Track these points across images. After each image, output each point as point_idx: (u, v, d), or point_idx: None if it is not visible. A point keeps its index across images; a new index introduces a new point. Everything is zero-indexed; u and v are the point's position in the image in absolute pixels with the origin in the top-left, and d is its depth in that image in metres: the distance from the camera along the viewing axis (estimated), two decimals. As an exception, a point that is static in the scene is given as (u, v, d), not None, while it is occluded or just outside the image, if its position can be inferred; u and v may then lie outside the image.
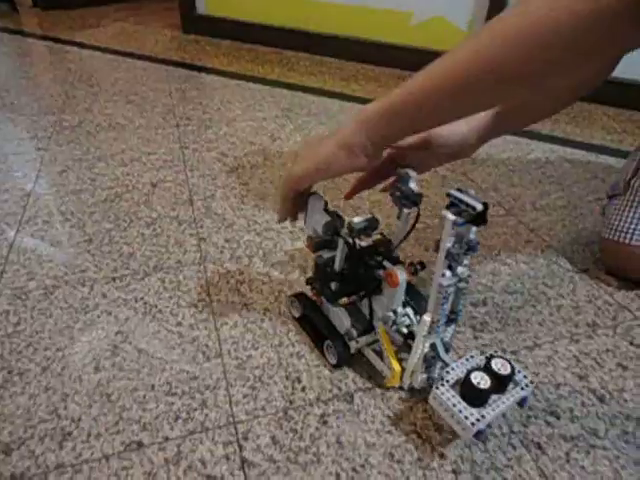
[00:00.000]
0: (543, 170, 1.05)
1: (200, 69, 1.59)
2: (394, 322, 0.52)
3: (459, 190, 0.45)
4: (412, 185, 0.53)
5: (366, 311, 0.56)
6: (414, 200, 0.52)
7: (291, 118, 1.25)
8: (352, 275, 0.54)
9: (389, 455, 0.49)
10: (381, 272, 0.52)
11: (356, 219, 0.54)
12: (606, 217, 0.74)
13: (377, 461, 0.49)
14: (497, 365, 0.48)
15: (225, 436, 0.50)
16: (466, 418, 0.45)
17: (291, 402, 0.54)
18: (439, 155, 0.59)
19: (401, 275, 0.50)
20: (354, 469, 0.48)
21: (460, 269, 0.47)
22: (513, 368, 0.48)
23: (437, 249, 0.46)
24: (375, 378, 0.56)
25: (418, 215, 0.52)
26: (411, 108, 0.43)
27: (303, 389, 0.55)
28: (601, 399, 0.56)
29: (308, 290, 0.61)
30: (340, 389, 0.56)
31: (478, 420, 0.45)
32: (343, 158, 0.48)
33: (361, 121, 0.46)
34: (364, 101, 1.37)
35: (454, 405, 0.46)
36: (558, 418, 0.53)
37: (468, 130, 0.57)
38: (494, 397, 0.47)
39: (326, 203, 0.55)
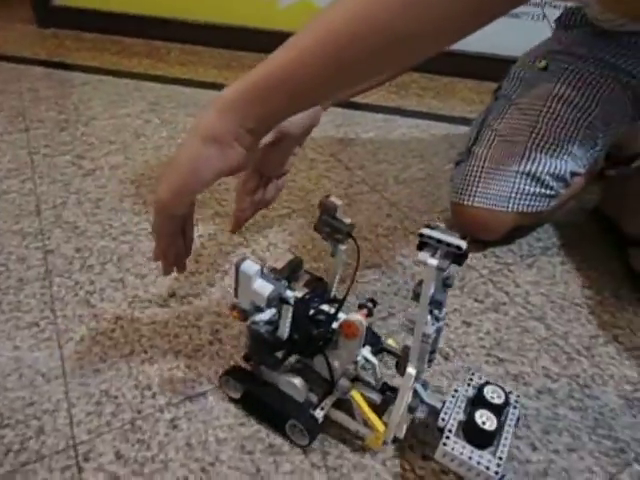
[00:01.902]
0: (407, 145, 1.09)
1: (57, 66, 1.46)
2: (355, 371, 0.47)
3: (429, 227, 0.39)
4: (341, 215, 0.49)
5: (321, 368, 0.49)
6: (347, 232, 0.49)
7: (158, 112, 1.19)
8: (301, 337, 0.47)
9: (240, 448, 0.49)
10: (334, 324, 0.47)
11: (277, 264, 0.49)
12: (453, 182, 0.79)
13: (228, 456, 0.48)
14: (491, 395, 0.45)
15: (63, 461, 0.47)
16: (488, 469, 0.41)
17: (139, 412, 0.51)
18: (290, 144, 0.57)
19: (362, 324, 0.44)
20: (203, 469, 0.47)
21: (437, 311, 0.43)
22: (505, 392, 0.46)
23: (415, 297, 0.41)
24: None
25: (358, 250, 0.48)
26: (289, 79, 0.38)
27: (153, 396, 0.53)
28: (446, 357, 0.59)
29: (241, 361, 0.54)
30: (193, 388, 0.54)
31: (499, 465, 0.41)
32: (214, 155, 0.40)
33: (224, 108, 0.40)
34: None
35: (470, 458, 0.42)
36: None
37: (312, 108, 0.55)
38: (498, 428, 0.44)
39: (262, 268, 0.45)
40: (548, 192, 0.71)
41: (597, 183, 0.93)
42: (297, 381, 0.49)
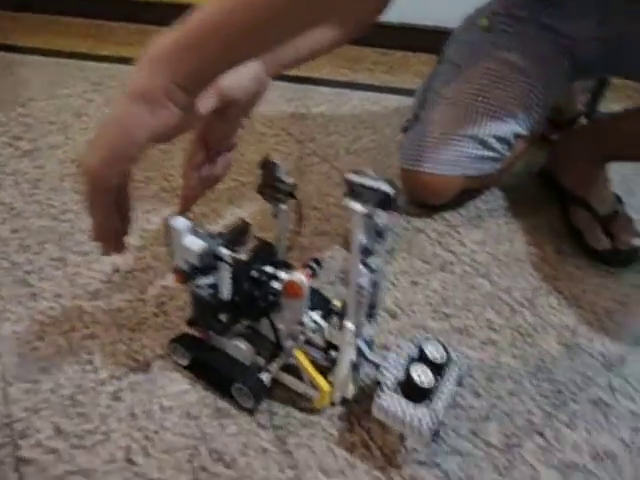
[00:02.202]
0: (358, 117, 1.09)
1: (-7, 47, 1.39)
2: (304, 335, 0.47)
3: (356, 173, 0.38)
4: (282, 175, 0.47)
5: (267, 332, 0.48)
6: (289, 192, 0.47)
7: (101, 92, 1.14)
8: (244, 299, 0.46)
9: (185, 414, 0.48)
10: (276, 285, 0.46)
11: (224, 229, 0.46)
12: (402, 149, 0.79)
13: (172, 423, 0.47)
14: (432, 353, 0.45)
15: (-2, 440, 0.45)
16: (420, 423, 0.40)
17: (80, 386, 0.50)
18: (237, 113, 0.55)
19: (303, 283, 0.43)
20: (147, 437, 0.46)
21: (374, 262, 0.42)
22: (447, 351, 0.45)
23: (348, 247, 0.40)
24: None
25: (301, 209, 0.46)
26: (224, 25, 0.36)
27: (95, 370, 0.52)
28: (393, 316, 0.60)
29: (189, 329, 0.52)
30: (137, 361, 0.53)
31: (433, 422, 0.40)
32: (145, 115, 0.36)
33: (154, 58, 0.36)
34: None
35: (403, 412, 0.41)
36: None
37: (256, 72, 0.52)
38: (436, 384, 0.43)
39: (194, 224, 0.44)
40: (493, 155, 0.72)
41: (542, 147, 0.96)
42: (243, 345, 0.49)
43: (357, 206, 0.37)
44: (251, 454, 0.45)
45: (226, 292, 0.46)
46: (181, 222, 0.44)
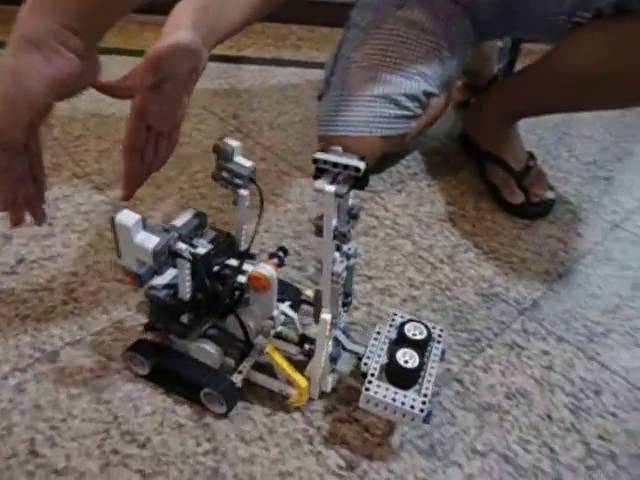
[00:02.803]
0: (283, 92, 1.07)
1: None
2: (275, 329, 0.44)
3: (324, 151, 0.36)
4: (240, 159, 0.44)
5: (235, 330, 0.45)
6: (249, 177, 0.44)
7: None
8: (206, 297, 0.43)
9: (95, 400, 0.45)
10: (242, 278, 0.43)
11: (178, 222, 0.43)
12: (318, 118, 0.78)
13: (81, 409, 0.45)
14: (412, 332, 0.43)
15: None
16: (412, 408, 0.39)
17: (-23, 383, 0.46)
18: (175, 89, 0.48)
19: (270, 275, 0.40)
20: (53, 427, 0.43)
21: (347, 246, 0.40)
22: (427, 328, 0.44)
23: (318, 232, 0.37)
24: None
25: (261, 194, 0.43)
26: None
27: (-5, 365, 0.48)
28: (316, 283, 0.60)
29: (146, 333, 0.49)
30: (44, 351, 0.50)
31: (424, 403, 0.39)
32: (38, 61, 0.33)
33: (39, 2, 0.34)
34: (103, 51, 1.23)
35: (394, 400, 0.39)
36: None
37: (191, 44, 0.46)
38: (421, 364, 0.42)
39: (144, 219, 0.39)
40: (406, 113, 0.72)
41: (461, 111, 0.98)
42: (209, 347, 0.44)
43: (328, 186, 0.35)
44: (166, 431, 0.43)
45: (186, 291, 0.42)
46: (129, 217, 0.38)
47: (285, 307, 0.45)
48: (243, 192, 0.46)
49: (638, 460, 0.43)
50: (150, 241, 0.38)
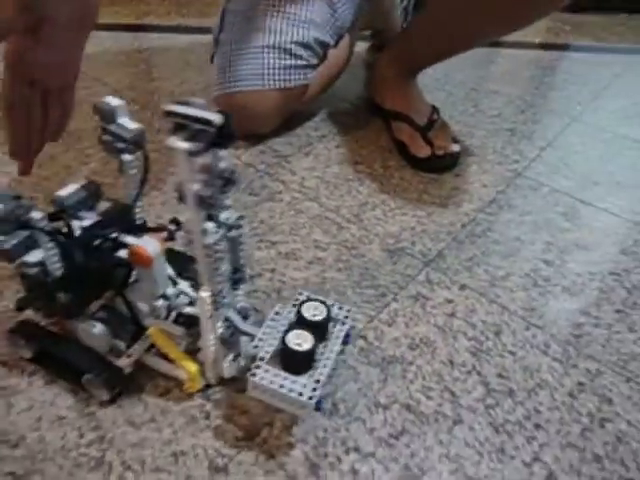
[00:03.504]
0: (185, 59, 1.00)
1: None
2: (170, 310, 0.39)
3: (178, 103, 0.31)
4: (124, 121, 0.40)
5: (125, 310, 0.41)
6: (134, 140, 0.40)
7: None
8: (86, 271, 0.39)
9: None
10: (124, 253, 0.39)
11: (63, 192, 0.39)
12: (214, 80, 0.74)
13: None
14: (310, 312, 0.40)
15: None
16: (301, 395, 0.36)
17: None
18: (57, 36, 0.42)
19: (151, 248, 0.36)
20: None
21: (224, 214, 0.36)
22: (328, 308, 0.40)
23: (181, 199, 0.33)
24: None
25: (147, 159, 0.40)
26: None
27: None
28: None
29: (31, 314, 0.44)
30: None
31: (315, 390, 0.36)
32: None
33: None
34: None
35: (281, 386, 0.36)
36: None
37: None
38: (319, 348, 0.39)
39: None
40: (299, 62, 0.69)
41: (369, 72, 0.96)
42: (95, 329, 0.40)
43: (179, 143, 0.31)
44: (45, 426, 0.39)
45: (54, 267, 0.39)
46: None
47: (185, 285, 0.41)
48: (127, 157, 0.41)
49: (533, 394, 0.44)
50: None
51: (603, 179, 0.73)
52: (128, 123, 0.41)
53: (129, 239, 0.41)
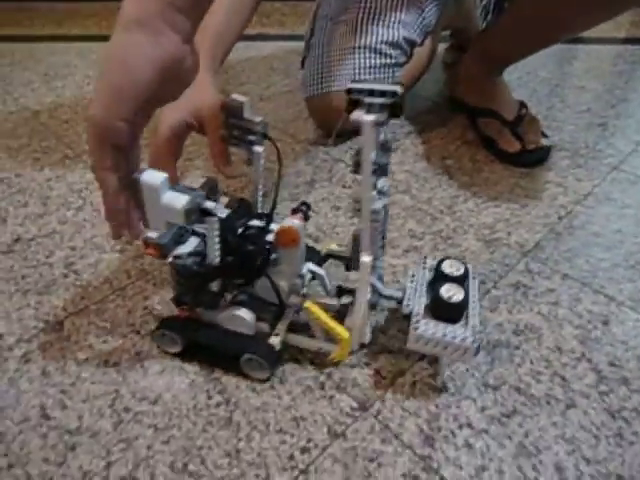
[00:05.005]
0: (270, 65, 1.06)
1: None
2: (304, 287, 0.42)
3: (356, 81, 0.34)
4: (250, 115, 0.42)
5: (264, 293, 0.43)
6: (262, 132, 0.42)
7: None
8: (237, 259, 0.40)
9: (103, 363, 0.45)
10: (269, 237, 0.41)
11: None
12: (303, 82, 0.77)
13: (90, 373, 0.44)
14: (450, 269, 0.42)
15: None
16: (464, 340, 0.38)
17: (-16, 356, 0.46)
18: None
19: (300, 227, 0.39)
20: (62, 391, 0.43)
21: (380, 182, 0.38)
22: (465, 264, 0.43)
23: (356, 168, 0.35)
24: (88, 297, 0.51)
25: (278, 149, 0.42)
26: None
27: (0, 337, 0.48)
28: (317, 240, 0.59)
29: (168, 310, 0.47)
30: (47, 322, 0.49)
31: (474, 334, 0.38)
32: (144, 42, 0.32)
33: None
34: (82, 38, 1.22)
35: (444, 335, 0.38)
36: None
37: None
38: (465, 299, 0.41)
39: (171, 178, 0.37)
40: (389, 61, 0.71)
41: (453, 72, 0.97)
42: (242, 312, 0.42)
43: (366, 116, 0.33)
44: (177, 388, 0.43)
45: (215, 254, 0.39)
46: (155, 176, 0.36)
47: (311, 265, 0.44)
48: (258, 149, 0.44)
49: (650, 382, 0.43)
50: (180, 200, 0.36)
51: None
52: (254, 116, 0.43)
53: (273, 225, 0.42)
